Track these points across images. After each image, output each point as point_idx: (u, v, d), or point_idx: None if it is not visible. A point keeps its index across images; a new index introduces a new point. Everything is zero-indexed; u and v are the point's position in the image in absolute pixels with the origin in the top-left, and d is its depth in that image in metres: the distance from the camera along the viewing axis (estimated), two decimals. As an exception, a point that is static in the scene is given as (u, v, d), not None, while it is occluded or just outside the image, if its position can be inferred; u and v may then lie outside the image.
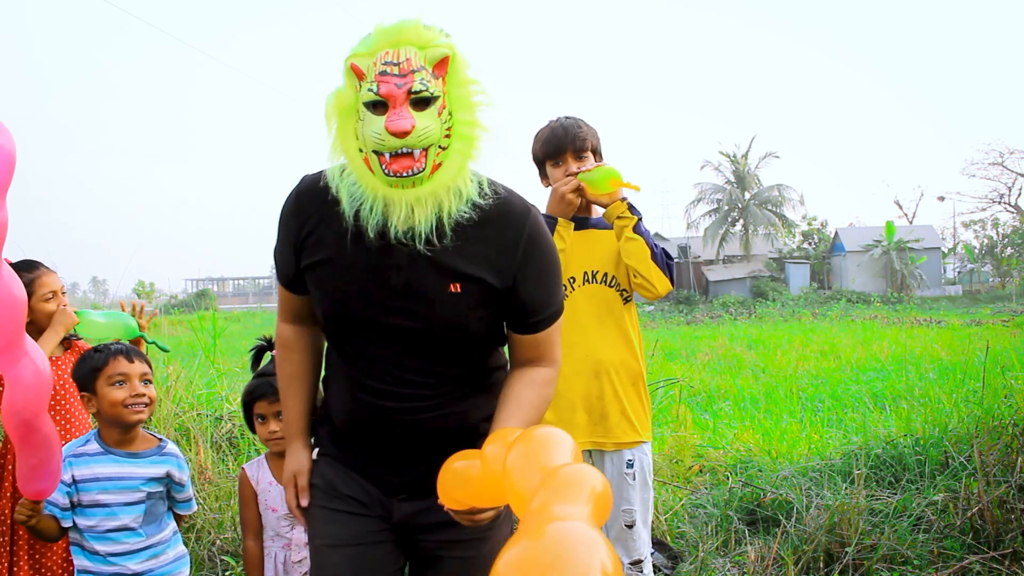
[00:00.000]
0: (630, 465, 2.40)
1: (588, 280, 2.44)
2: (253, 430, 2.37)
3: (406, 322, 1.50)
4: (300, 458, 1.70)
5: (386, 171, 1.38)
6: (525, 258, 1.52)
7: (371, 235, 1.43)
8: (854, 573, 3.18)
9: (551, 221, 2.37)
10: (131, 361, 2.18)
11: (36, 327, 2.45)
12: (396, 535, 1.63)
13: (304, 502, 1.66)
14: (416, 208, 1.41)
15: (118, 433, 2.15)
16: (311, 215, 1.55)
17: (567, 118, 2.51)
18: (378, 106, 1.38)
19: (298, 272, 1.59)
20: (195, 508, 2.34)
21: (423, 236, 1.43)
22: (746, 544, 3.47)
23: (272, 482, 2.32)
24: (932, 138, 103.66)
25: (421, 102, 1.38)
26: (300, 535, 2.27)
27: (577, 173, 2.38)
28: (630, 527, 2.39)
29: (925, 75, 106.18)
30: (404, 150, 1.37)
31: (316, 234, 1.54)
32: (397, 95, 1.36)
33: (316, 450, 1.72)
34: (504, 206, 1.51)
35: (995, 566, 3.10)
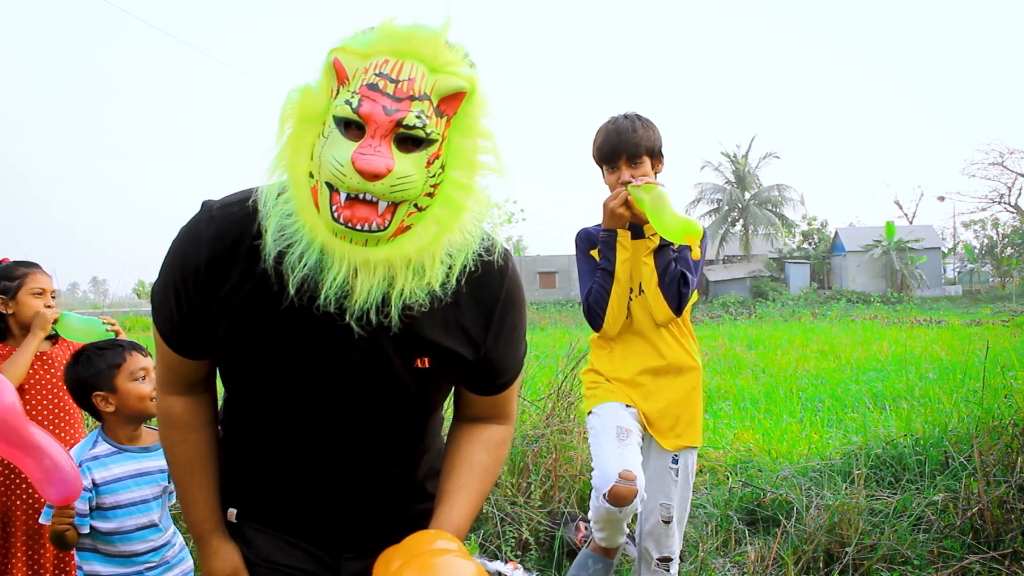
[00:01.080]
0: (675, 461, 2.43)
1: (643, 291, 2.44)
2: None
3: (358, 410, 1.24)
4: (228, 557, 1.32)
5: (335, 214, 1.04)
6: (500, 321, 1.28)
7: (291, 290, 1.10)
8: (854, 573, 3.17)
9: (610, 233, 2.36)
10: (145, 355, 2.20)
11: (18, 320, 2.49)
12: None
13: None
14: (361, 273, 1.07)
15: (132, 430, 2.15)
16: (234, 265, 1.16)
17: (624, 118, 2.41)
18: (352, 127, 1.04)
19: (207, 340, 1.22)
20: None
21: (362, 311, 1.10)
22: (746, 544, 3.47)
23: None
24: (932, 138, 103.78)
25: (410, 141, 1.04)
26: None
27: (630, 183, 2.31)
28: (667, 523, 2.42)
29: (925, 75, 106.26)
30: (367, 196, 1.03)
31: (242, 293, 1.16)
32: (382, 122, 1.02)
33: (232, 510, 1.35)
34: (486, 273, 1.23)
35: (995, 566, 3.10)
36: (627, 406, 2.40)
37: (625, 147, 2.32)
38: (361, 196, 1.03)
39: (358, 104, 1.02)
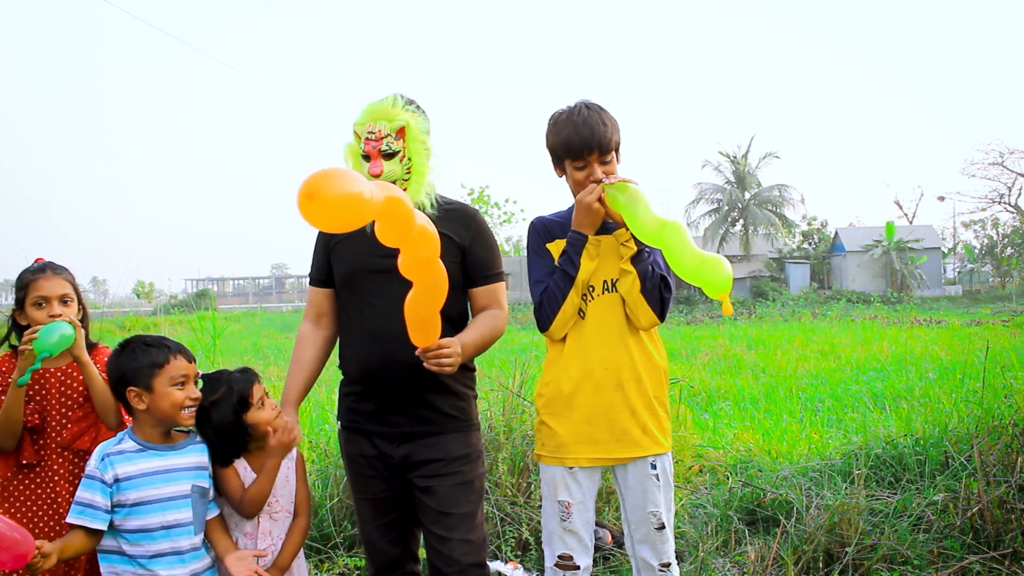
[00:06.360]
0: (653, 467, 2.31)
1: (607, 289, 2.31)
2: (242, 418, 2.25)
3: (400, 282, 2.12)
4: (291, 417, 2.37)
5: None
6: (475, 233, 2.39)
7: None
8: (854, 573, 3.18)
9: (579, 237, 2.26)
10: (190, 360, 2.16)
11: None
12: (395, 476, 2.34)
13: (296, 436, 2.32)
14: None
15: (159, 432, 2.13)
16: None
17: (587, 109, 2.27)
18: (365, 157, 2.30)
19: (326, 261, 2.43)
20: (218, 511, 2.24)
21: None
22: (746, 544, 3.47)
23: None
24: (932, 138, 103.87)
25: (388, 155, 2.29)
26: (266, 525, 2.27)
27: (602, 181, 2.22)
28: (660, 529, 2.31)
29: (925, 75, 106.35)
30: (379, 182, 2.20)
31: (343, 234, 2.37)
32: (373, 152, 2.29)
33: (339, 423, 2.48)
34: (460, 207, 2.43)
35: (995, 566, 3.10)
36: (570, 468, 2.30)
37: (599, 142, 2.21)
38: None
39: (363, 148, 2.31)
